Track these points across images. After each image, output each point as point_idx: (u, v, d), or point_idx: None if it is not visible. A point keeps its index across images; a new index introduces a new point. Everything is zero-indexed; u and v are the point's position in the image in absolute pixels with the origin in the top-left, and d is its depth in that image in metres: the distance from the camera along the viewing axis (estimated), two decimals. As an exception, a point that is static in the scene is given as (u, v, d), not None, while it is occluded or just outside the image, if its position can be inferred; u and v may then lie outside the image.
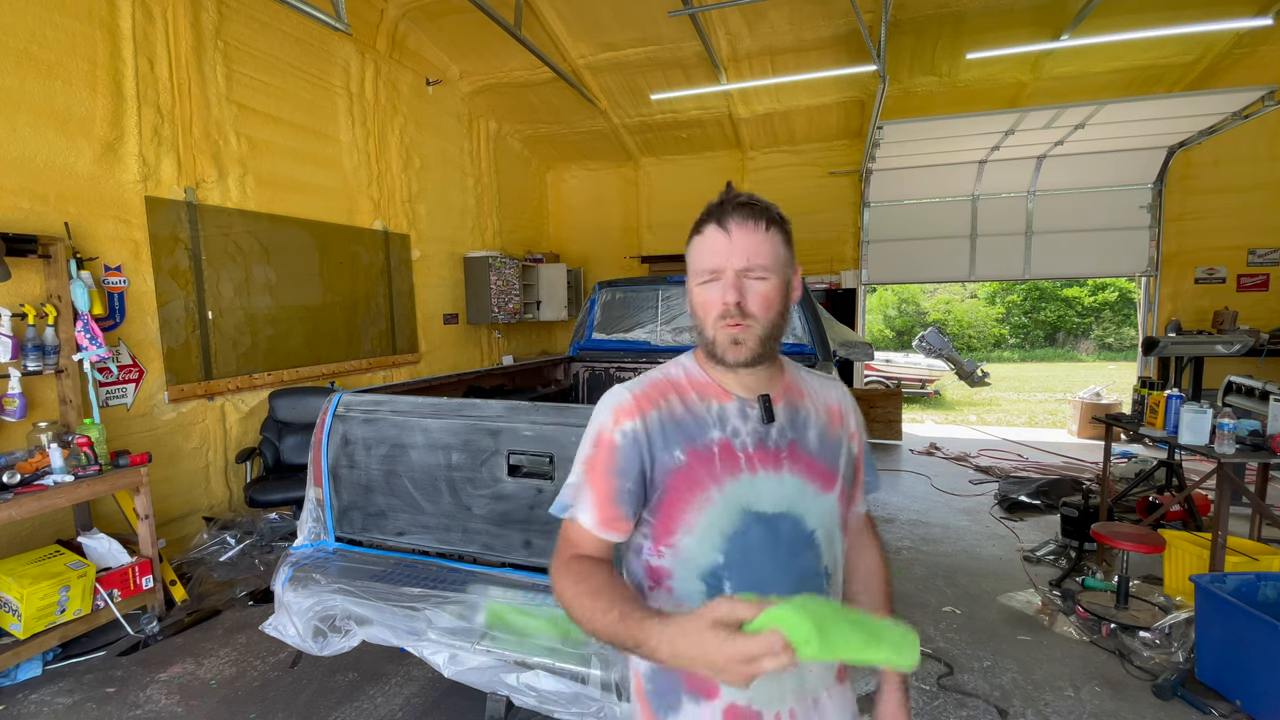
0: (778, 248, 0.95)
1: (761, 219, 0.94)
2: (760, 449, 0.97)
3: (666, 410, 0.98)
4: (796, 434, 1.00)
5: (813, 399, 1.06)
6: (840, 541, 1.04)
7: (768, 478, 0.96)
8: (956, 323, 20.83)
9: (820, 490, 0.99)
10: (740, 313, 0.92)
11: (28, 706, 2.64)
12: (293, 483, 3.91)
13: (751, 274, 0.92)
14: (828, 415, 1.05)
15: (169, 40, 4.05)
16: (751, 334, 0.93)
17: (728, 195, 0.97)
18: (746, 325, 0.92)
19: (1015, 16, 5.49)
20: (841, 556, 1.05)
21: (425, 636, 1.84)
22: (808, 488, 0.98)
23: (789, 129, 7.91)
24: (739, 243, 0.92)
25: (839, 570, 1.05)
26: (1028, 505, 5.03)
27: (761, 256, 0.92)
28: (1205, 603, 2.61)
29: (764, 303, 0.93)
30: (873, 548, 1.19)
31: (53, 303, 3.27)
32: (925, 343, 6.79)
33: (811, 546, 0.98)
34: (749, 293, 0.92)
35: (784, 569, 0.95)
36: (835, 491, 1.01)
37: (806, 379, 1.09)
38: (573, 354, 4.44)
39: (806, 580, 0.97)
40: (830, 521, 1.01)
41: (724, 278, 0.92)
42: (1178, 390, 3.69)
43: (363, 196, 5.71)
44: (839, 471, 1.03)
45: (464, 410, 2.10)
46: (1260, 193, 6.81)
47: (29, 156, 3.37)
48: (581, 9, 5.76)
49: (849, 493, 1.06)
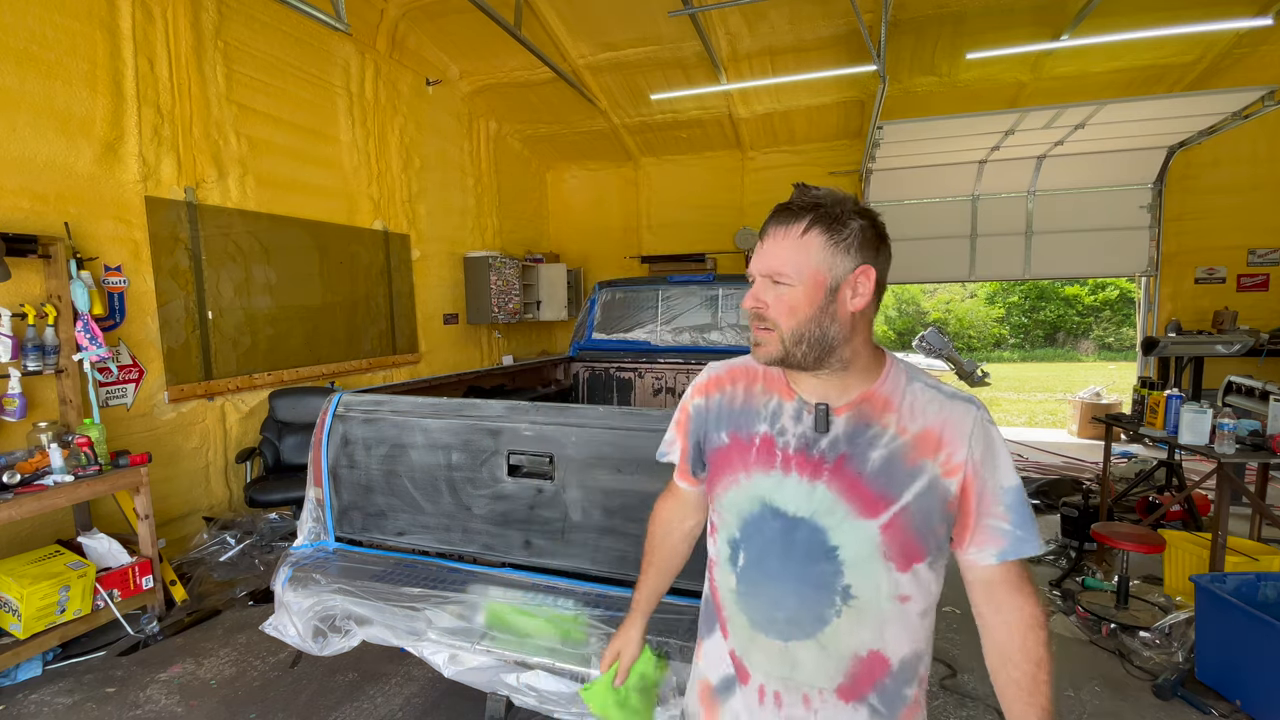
0: (814, 251, 0.91)
1: (800, 221, 0.92)
2: (801, 453, 0.98)
3: (729, 395, 1.08)
4: (853, 449, 0.95)
5: (902, 419, 0.95)
6: (885, 565, 0.94)
7: (799, 482, 0.97)
8: (957, 322, 20.83)
9: (857, 513, 0.94)
10: (760, 319, 0.95)
11: (28, 706, 2.64)
12: (293, 483, 3.91)
13: (775, 279, 0.93)
14: (913, 440, 0.94)
15: (169, 40, 4.05)
16: (772, 339, 0.94)
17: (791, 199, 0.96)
18: (768, 330, 0.94)
19: (1015, 16, 5.49)
20: (887, 586, 0.95)
21: (425, 636, 1.84)
22: (841, 506, 0.95)
23: (789, 129, 7.91)
24: (769, 248, 0.94)
25: (878, 600, 0.96)
26: (1028, 505, 5.02)
27: (786, 263, 0.92)
28: (1205, 603, 2.61)
29: (785, 309, 0.92)
30: (1021, 616, 0.96)
31: (53, 303, 3.27)
32: (925, 343, 6.77)
33: (831, 561, 0.96)
34: (772, 298, 0.94)
35: (795, 571, 0.98)
36: (880, 520, 0.93)
37: (911, 394, 0.97)
38: (573, 354, 4.44)
39: (816, 590, 0.97)
40: (867, 548, 0.94)
41: (755, 282, 0.96)
42: (1178, 390, 3.69)
43: (363, 196, 5.71)
44: (898, 501, 0.93)
45: (464, 410, 2.10)
46: (1260, 193, 6.81)
47: (29, 156, 3.37)
48: (581, 9, 5.76)
49: (933, 531, 0.94)
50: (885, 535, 0.93)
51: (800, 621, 0.99)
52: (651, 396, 4.30)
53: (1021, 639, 0.95)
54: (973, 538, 0.95)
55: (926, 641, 1.02)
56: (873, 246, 0.93)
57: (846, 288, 0.92)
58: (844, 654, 0.98)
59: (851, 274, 0.92)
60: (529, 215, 8.87)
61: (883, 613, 0.96)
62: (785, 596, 0.99)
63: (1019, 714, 0.95)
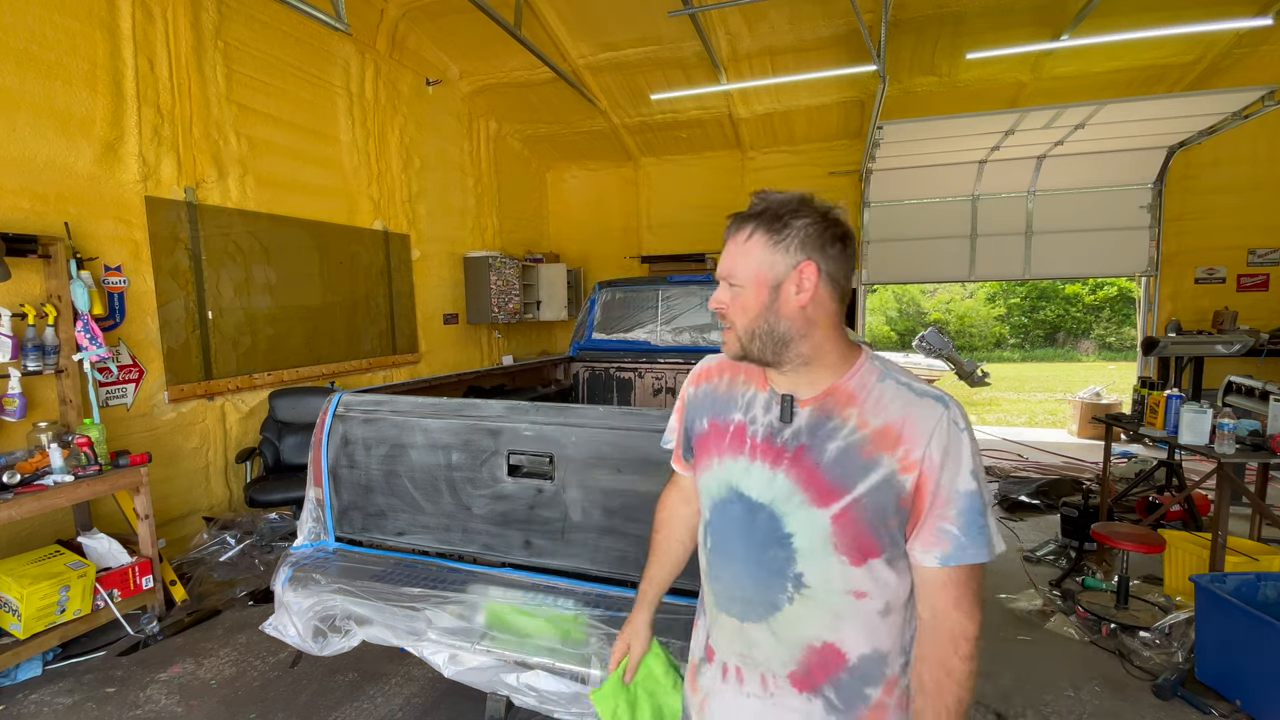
0: (758, 253, 0.96)
1: (745, 226, 0.98)
2: (767, 442, 1.02)
3: (716, 385, 1.14)
4: (812, 440, 0.97)
5: (865, 412, 0.96)
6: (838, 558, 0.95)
7: (762, 469, 1.01)
8: (957, 322, 20.84)
9: (810, 502, 0.96)
10: (722, 318, 1.02)
11: (28, 706, 2.64)
12: (293, 483, 3.91)
13: (730, 282, 1.00)
14: (872, 434, 0.94)
15: (169, 40, 4.05)
16: (731, 336, 1.01)
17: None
18: (728, 329, 1.01)
19: (1015, 16, 5.49)
20: (840, 579, 0.96)
21: (425, 636, 1.84)
22: (798, 495, 0.97)
23: (789, 129, 7.91)
24: (724, 254, 1.01)
25: (830, 592, 0.97)
26: (1028, 505, 5.03)
27: (735, 266, 0.99)
28: (1205, 603, 2.61)
29: (739, 309, 0.99)
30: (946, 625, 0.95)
31: (53, 303, 3.27)
32: (925, 343, 6.78)
33: (784, 547, 0.99)
34: (729, 299, 1.00)
35: (750, 554, 1.03)
36: (831, 510, 0.94)
37: (879, 390, 0.97)
38: (573, 354, 4.44)
39: (770, 575, 1.01)
40: (818, 537, 0.96)
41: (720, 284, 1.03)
42: (1178, 390, 3.69)
43: (363, 196, 5.71)
44: (851, 492, 0.94)
45: (464, 410, 2.10)
46: (1260, 193, 6.81)
47: (29, 156, 3.37)
48: (581, 9, 5.76)
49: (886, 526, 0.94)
50: (836, 526, 0.95)
51: (755, 604, 1.03)
52: (651, 396, 4.30)
53: (940, 649, 0.95)
54: (918, 535, 0.94)
55: (894, 643, 1.00)
56: (818, 244, 0.95)
57: (790, 285, 0.95)
58: (796, 641, 1.00)
59: (793, 271, 0.95)
60: (529, 215, 8.87)
61: (836, 606, 0.97)
62: (743, 578, 1.04)
63: (917, 710, 0.98)
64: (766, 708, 1.04)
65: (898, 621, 1.00)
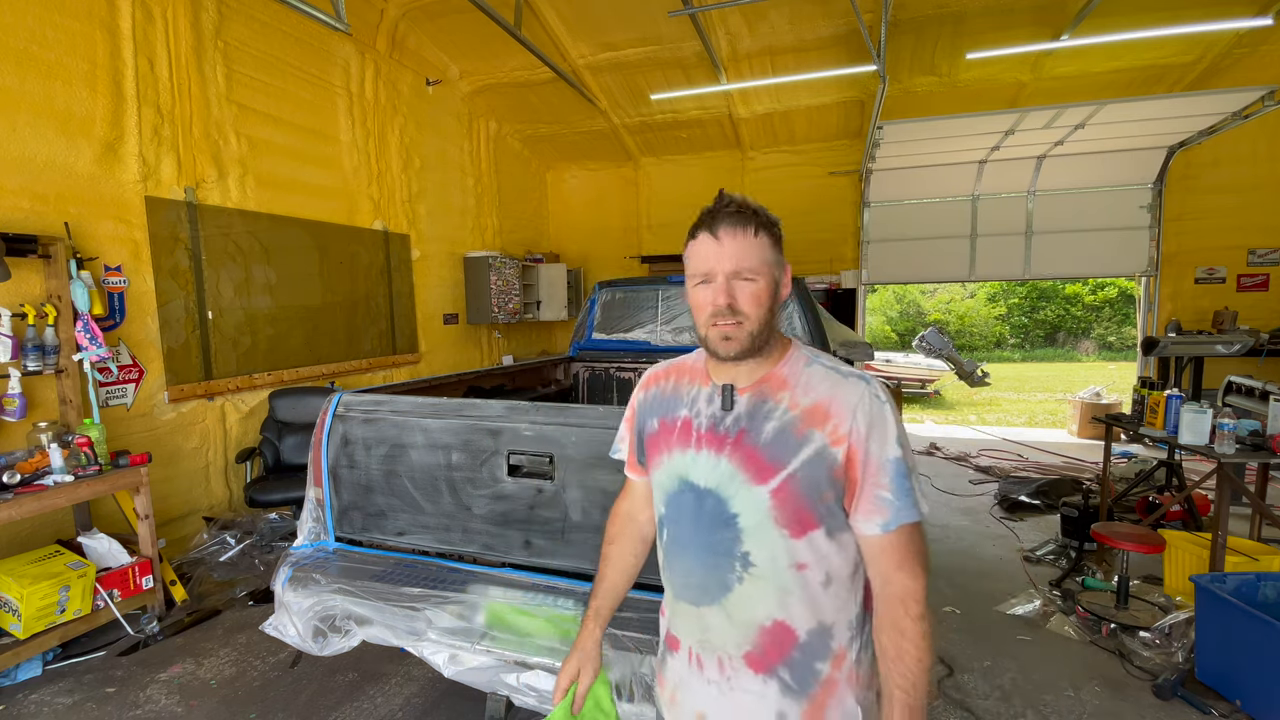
0: (766, 250, 1.03)
1: (750, 224, 1.02)
2: (711, 431, 1.08)
3: (663, 388, 1.20)
4: (750, 424, 1.04)
5: (796, 394, 1.04)
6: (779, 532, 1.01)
7: (708, 457, 1.07)
8: (957, 322, 20.84)
9: (751, 481, 1.02)
10: (732, 312, 1.02)
11: (28, 706, 2.64)
12: (293, 483, 3.91)
13: (741, 276, 1.02)
14: (803, 413, 1.02)
15: (169, 40, 4.05)
16: (743, 330, 1.02)
17: (720, 203, 1.05)
18: (738, 323, 1.02)
19: (1015, 16, 5.49)
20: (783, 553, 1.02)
21: (425, 636, 1.84)
22: (739, 476, 1.03)
23: (789, 129, 7.91)
24: (729, 248, 1.02)
25: (776, 567, 1.02)
26: (1028, 505, 5.03)
27: (750, 259, 1.02)
28: (1205, 603, 2.61)
29: (754, 301, 1.02)
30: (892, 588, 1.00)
31: (53, 303, 3.27)
32: (925, 343, 6.78)
33: (731, 528, 1.04)
34: (740, 293, 1.02)
35: (701, 538, 1.08)
36: (769, 486, 1.01)
37: (808, 374, 1.06)
38: (573, 354, 4.44)
39: (720, 556, 1.06)
40: (760, 513, 1.02)
41: (716, 281, 1.03)
42: (1178, 390, 3.69)
43: (363, 196, 5.71)
44: (787, 467, 1.00)
45: (464, 410, 2.10)
46: (1260, 193, 6.81)
47: (29, 156, 3.37)
48: (581, 9, 5.76)
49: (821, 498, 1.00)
50: (775, 500, 1.01)
51: (708, 587, 1.07)
52: (651, 396, 4.29)
53: (891, 611, 1.00)
54: (858, 506, 1.00)
55: (838, 615, 1.05)
56: (782, 246, 1.08)
57: (781, 284, 1.07)
58: (749, 622, 1.05)
59: (783, 269, 1.07)
60: (529, 215, 8.87)
61: (783, 582, 1.02)
62: (695, 564, 1.09)
63: (884, 676, 1.01)
64: (724, 693, 1.08)
65: (840, 594, 1.05)
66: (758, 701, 1.06)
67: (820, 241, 8.30)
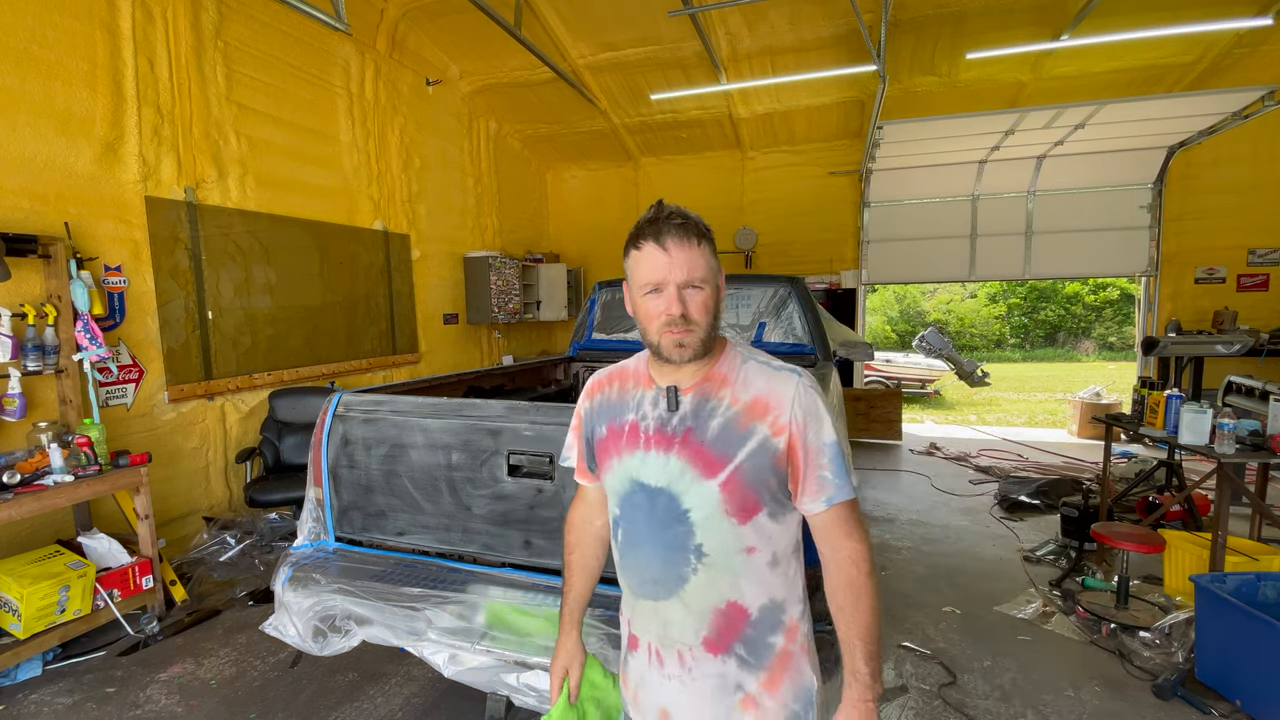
0: (709, 259, 1.09)
1: (694, 235, 1.07)
2: (659, 432, 1.12)
3: (608, 394, 1.24)
4: (696, 422, 1.10)
5: (736, 390, 1.10)
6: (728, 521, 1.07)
7: (658, 456, 1.11)
8: (957, 322, 20.83)
9: (700, 476, 1.07)
10: (685, 321, 1.06)
11: (28, 706, 2.64)
12: (293, 483, 3.91)
13: (691, 285, 1.07)
14: (745, 408, 1.08)
15: (169, 40, 4.05)
16: (695, 337, 1.07)
17: (661, 213, 1.08)
18: (690, 330, 1.07)
19: (1015, 16, 5.49)
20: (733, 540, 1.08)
21: (425, 636, 1.84)
22: (689, 472, 1.08)
23: (789, 129, 7.91)
24: (678, 259, 1.05)
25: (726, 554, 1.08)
26: (1028, 505, 5.03)
27: (698, 269, 1.06)
28: (1205, 603, 2.61)
29: (703, 309, 1.07)
30: (843, 553, 1.09)
31: (53, 303, 3.27)
32: (925, 343, 6.78)
33: (684, 523, 1.09)
34: (690, 302, 1.06)
35: (655, 535, 1.12)
36: (718, 479, 1.06)
37: (745, 371, 1.12)
38: (573, 354, 4.44)
39: (674, 551, 1.10)
40: (710, 506, 1.07)
41: (667, 291, 1.06)
42: (1178, 390, 3.69)
43: (363, 196, 5.71)
44: (734, 460, 1.06)
45: (464, 410, 2.10)
46: (1260, 193, 6.81)
47: (29, 156, 3.37)
48: (581, 9, 5.76)
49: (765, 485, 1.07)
50: (724, 492, 1.07)
51: (664, 582, 1.12)
52: (651, 396, 4.28)
53: (845, 572, 1.09)
54: (804, 488, 1.08)
55: (787, 591, 1.13)
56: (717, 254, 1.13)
57: (721, 288, 1.12)
58: (705, 609, 1.10)
59: (721, 275, 1.13)
60: (529, 215, 8.87)
61: (734, 566, 1.09)
62: (652, 560, 1.13)
63: (843, 635, 1.09)
64: (685, 685, 1.13)
65: (787, 572, 1.13)
66: (718, 683, 1.11)
67: (820, 241, 8.31)
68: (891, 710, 2.55)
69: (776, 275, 4.19)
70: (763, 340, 4.10)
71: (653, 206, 1.10)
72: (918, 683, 2.73)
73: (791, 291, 4.07)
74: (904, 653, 2.97)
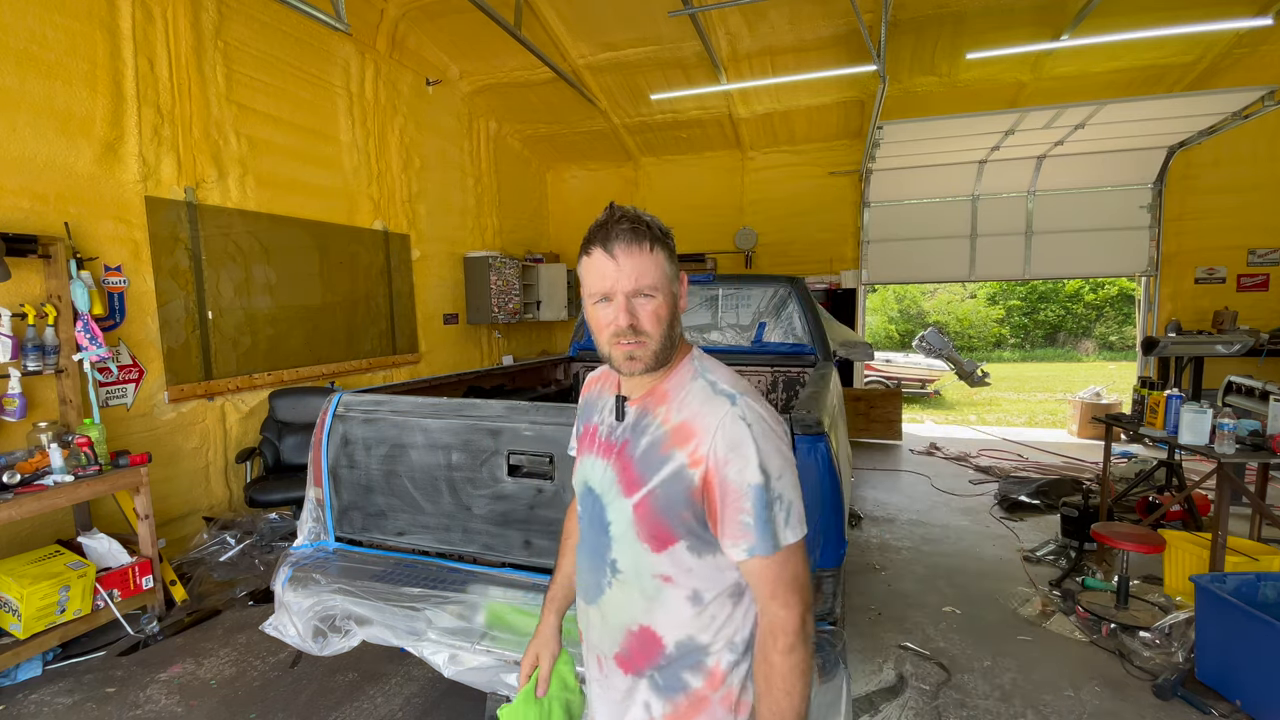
0: (663, 265, 1.01)
1: (645, 240, 0.99)
2: (607, 439, 1.11)
3: (591, 394, 1.25)
4: (632, 436, 1.05)
5: (671, 410, 1.02)
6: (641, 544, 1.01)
7: (599, 463, 1.10)
8: (957, 323, 20.83)
9: (622, 492, 1.03)
10: (634, 332, 0.99)
11: (28, 706, 2.64)
12: (293, 483, 3.91)
13: (641, 294, 0.99)
14: (671, 430, 1.00)
15: (169, 40, 4.05)
16: (647, 349, 1.01)
17: (611, 217, 1.01)
18: (641, 342, 1.00)
19: (1015, 16, 5.49)
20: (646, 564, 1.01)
21: (425, 636, 1.84)
22: (615, 485, 1.05)
23: (789, 129, 7.91)
24: (626, 266, 0.98)
25: (639, 576, 1.02)
26: (1028, 505, 5.03)
27: (648, 277, 0.99)
28: (1205, 603, 2.61)
29: (655, 319, 1.00)
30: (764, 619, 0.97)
31: (53, 303, 3.27)
32: (925, 343, 6.78)
33: (606, 533, 1.07)
34: (640, 312, 1.00)
35: (589, 540, 1.12)
36: (633, 499, 1.01)
37: (689, 389, 1.03)
38: (573, 354, 4.44)
39: (598, 559, 1.09)
40: (625, 524, 1.02)
41: (615, 300, 1.00)
42: (1178, 390, 3.69)
43: (363, 196, 5.71)
44: (648, 483, 1.00)
45: (464, 410, 2.10)
46: (1260, 193, 6.81)
47: (29, 156, 3.37)
48: (581, 9, 5.76)
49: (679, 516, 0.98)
50: (637, 514, 1.01)
51: (590, 587, 1.11)
52: (651, 396, 4.28)
53: (761, 643, 0.98)
54: (723, 530, 0.97)
55: (713, 636, 1.02)
56: (676, 256, 1.05)
57: (681, 295, 1.05)
58: (618, 625, 1.07)
59: (679, 281, 1.05)
60: (529, 215, 8.87)
61: (645, 589, 1.03)
62: (585, 563, 1.13)
63: (754, 703, 1.01)
64: (604, 690, 1.12)
65: (716, 615, 1.02)
66: (626, 696, 1.08)
67: (820, 241, 8.31)
68: (891, 710, 2.55)
69: (776, 275, 4.19)
70: (763, 340, 4.10)
71: (605, 210, 1.03)
72: (917, 682, 2.73)
73: (791, 291, 4.07)
74: (904, 653, 2.97)
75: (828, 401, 2.32)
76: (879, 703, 2.59)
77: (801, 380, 4.04)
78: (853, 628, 3.17)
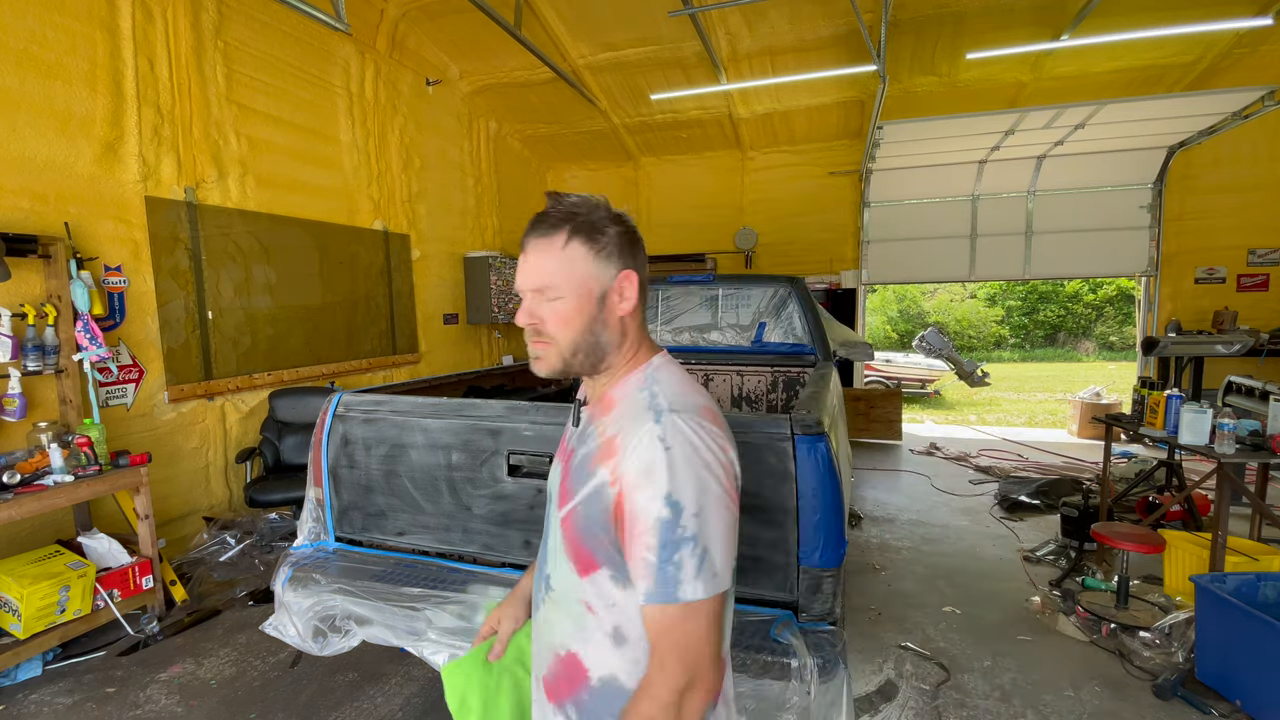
0: (577, 263, 0.91)
1: (559, 233, 0.91)
2: (564, 443, 1.05)
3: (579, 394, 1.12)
4: (576, 445, 0.98)
5: (609, 421, 0.92)
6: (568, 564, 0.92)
7: (556, 466, 1.04)
8: (957, 323, 20.83)
9: (558, 503, 0.96)
10: (537, 334, 0.94)
11: (28, 706, 2.64)
12: (293, 483, 3.91)
13: (545, 295, 0.92)
14: (603, 444, 0.90)
15: (169, 40, 4.05)
16: (552, 352, 0.94)
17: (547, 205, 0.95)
18: (545, 343, 0.94)
19: (1015, 16, 5.49)
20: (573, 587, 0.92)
21: (425, 636, 1.84)
22: (556, 494, 0.99)
23: (789, 129, 7.91)
24: (532, 263, 0.93)
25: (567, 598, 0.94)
26: (1028, 505, 5.03)
27: (554, 276, 0.91)
28: (1205, 603, 2.61)
29: (560, 322, 0.92)
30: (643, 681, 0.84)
31: (53, 303, 3.27)
32: (925, 343, 6.79)
33: (546, 545, 1.02)
34: (546, 313, 0.93)
35: (541, 547, 1.06)
36: (562, 513, 0.93)
37: (631, 400, 0.92)
38: (573, 354, 4.44)
39: (540, 570, 1.03)
40: (557, 539, 0.95)
41: (523, 300, 0.95)
42: (1178, 390, 3.69)
43: (363, 196, 5.71)
44: (574, 499, 0.91)
45: (464, 410, 2.10)
46: (1260, 193, 6.81)
47: (29, 156, 3.37)
48: (581, 9, 5.76)
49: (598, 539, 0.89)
50: (563, 530, 0.94)
51: (536, 594, 1.05)
52: (651, 396, 4.28)
53: (635, 697, 0.84)
54: (630, 561, 0.85)
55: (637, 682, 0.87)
56: (630, 251, 0.94)
57: (614, 294, 0.93)
58: (548, 644, 0.98)
59: (615, 280, 0.93)
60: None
61: (573, 613, 0.93)
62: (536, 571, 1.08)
63: None
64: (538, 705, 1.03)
65: (641, 660, 0.88)
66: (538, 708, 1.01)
67: (820, 241, 8.31)
68: (891, 710, 2.55)
69: (776, 275, 4.19)
70: (763, 340, 4.10)
71: None
72: (917, 682, 2.73)
73: (791, 291, 4.07)
74: (904, 653, 2.97)
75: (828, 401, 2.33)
76: (879, 703, 2.60)
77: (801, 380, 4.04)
78: (853, 628, 3.17)
